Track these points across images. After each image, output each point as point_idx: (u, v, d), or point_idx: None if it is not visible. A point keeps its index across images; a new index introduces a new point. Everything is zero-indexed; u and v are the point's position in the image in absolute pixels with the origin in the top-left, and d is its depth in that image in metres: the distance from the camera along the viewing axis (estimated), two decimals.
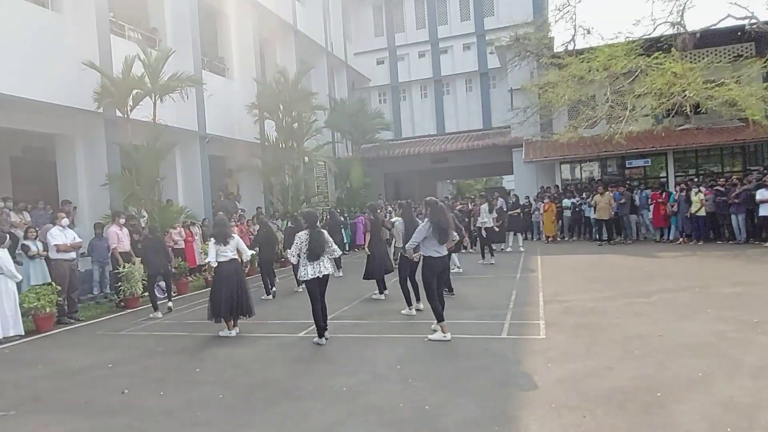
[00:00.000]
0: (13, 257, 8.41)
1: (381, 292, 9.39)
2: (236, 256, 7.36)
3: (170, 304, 9.50)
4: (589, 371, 5.00)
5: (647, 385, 4.53)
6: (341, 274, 12.27)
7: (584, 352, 5.59)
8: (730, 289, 8.33)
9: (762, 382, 4.51)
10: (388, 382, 5.02)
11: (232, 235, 7.45)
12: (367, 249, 9.62)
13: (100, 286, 11.16)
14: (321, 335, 6.57)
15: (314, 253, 6.49)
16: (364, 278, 9.60)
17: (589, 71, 15.65)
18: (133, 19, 14.31)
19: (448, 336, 6.28)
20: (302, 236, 6.59)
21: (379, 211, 10.91)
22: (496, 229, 13.71)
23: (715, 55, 18.31)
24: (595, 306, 7.70)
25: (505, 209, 15.16)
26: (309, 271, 6.50)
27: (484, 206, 13.67)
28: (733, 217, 13.88)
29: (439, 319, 6.40)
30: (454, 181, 39.40)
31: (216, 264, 7.25)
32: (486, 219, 13.36)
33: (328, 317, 6.90)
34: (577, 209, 17.15)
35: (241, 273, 7.55)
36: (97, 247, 10.91)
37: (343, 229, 16.96)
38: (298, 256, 6.61)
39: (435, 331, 6.49)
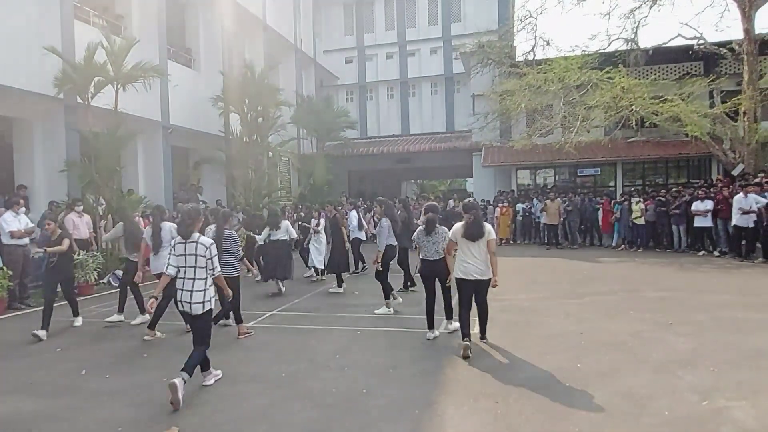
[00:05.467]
0: None
1: (339, 285, 9.85)
2: None
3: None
4: (511, 364, 5.45)
5: (559, 377, 4.99)
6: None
7: (511, 346, 6.04)
8: (656, 293, 8.93)
9: (661, 375, 5.01)
10: (325, 370, 5.37)
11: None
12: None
13: None
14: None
15: None
16: (327, 272, 10.61)
17: (545, 82, 16.29)
18: (98, 5, 14.22)
19: (392, 310, 7.78)
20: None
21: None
22: None
23: (666, 71, 19.22)
24: (531, 305, 8.22)
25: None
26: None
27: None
28: (674, 227, 14.63)
29: (387, 297, 7.85)
30: (419, 181, 39.97)
31: None
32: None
33: (280, 309, 7.67)
34: (527, 213, 17.87)
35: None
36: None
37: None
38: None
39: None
